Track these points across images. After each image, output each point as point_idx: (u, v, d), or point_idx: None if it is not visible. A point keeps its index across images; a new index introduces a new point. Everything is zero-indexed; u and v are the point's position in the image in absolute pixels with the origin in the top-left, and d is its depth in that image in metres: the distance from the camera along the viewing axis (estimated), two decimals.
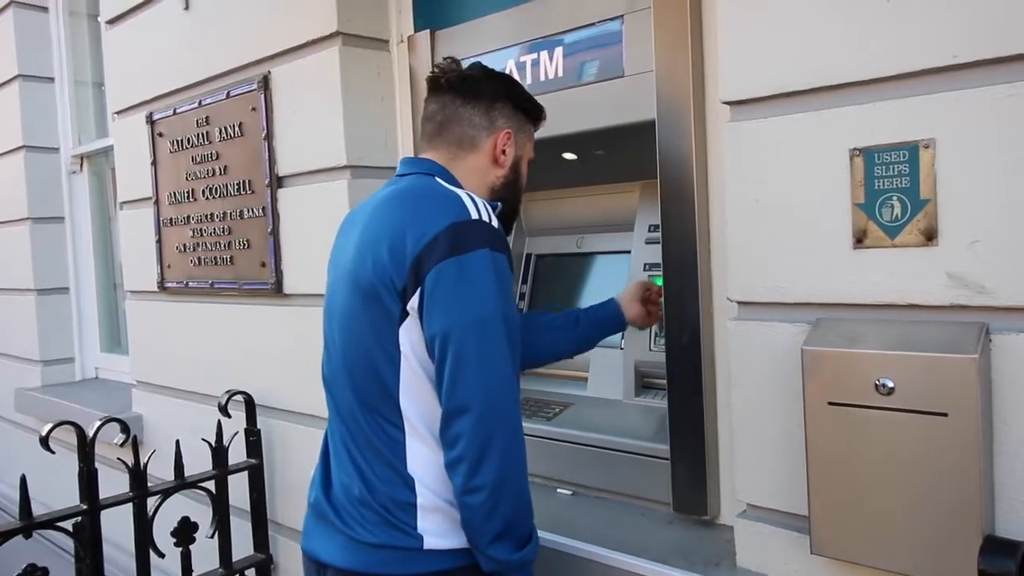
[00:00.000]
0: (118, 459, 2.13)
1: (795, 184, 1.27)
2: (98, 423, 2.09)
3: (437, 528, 1.26)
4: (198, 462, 2.28)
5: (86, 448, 2.05)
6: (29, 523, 1.94)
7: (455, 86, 1.41)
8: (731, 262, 1.36)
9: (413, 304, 1.22)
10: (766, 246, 1.31)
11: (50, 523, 1.98)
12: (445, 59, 1.46)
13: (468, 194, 1.27)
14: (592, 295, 2.11)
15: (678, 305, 1.59)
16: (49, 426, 2.01)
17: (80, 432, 2.05)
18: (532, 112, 1.49)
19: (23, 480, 1.95)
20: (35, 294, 3.89)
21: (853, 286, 1.22)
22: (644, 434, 1.75)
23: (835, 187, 1.23)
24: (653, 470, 1.70)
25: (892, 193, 1.17)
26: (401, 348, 1.25)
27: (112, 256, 3.99)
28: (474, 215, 1.23)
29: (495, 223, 1.25)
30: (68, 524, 2.02)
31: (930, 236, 1.14)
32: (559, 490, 1.89)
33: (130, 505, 2.14)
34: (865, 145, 1.19)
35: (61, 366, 3.96)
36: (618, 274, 1.99)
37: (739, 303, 1.37)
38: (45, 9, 3.91)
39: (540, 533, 1.64)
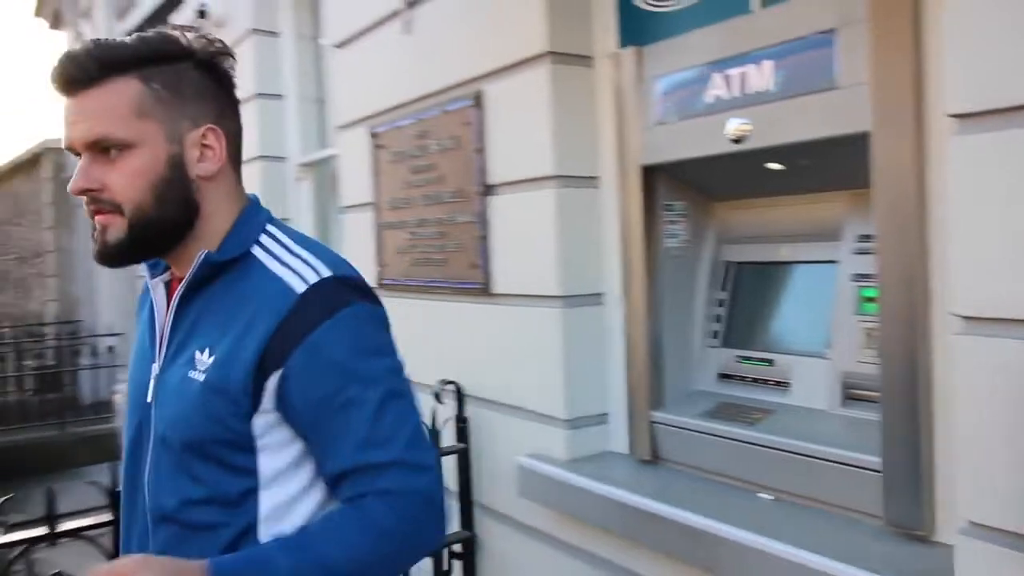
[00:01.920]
0: None
1: None
2: None
3: None
4: None
5: None
6: None
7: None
8: (956, 276, 1.34)
9: None
10: (995, 261, 1.28)
11: None
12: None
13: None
14: (793, 303, 2.12)
15: (895, 318, 1.58)
16: None
17: None
18: None
19: None
20: None
21: None
22: (851, 444, 1.75)
23: None
24: (861, 481, 1.70)
25: None
26: None
27: None
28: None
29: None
30: None
31: None
32: (760, 494, 1.93)
33: None
34: None
35: None
36: (823, 283, 1.98)
37: (964, 318, 1.35)
38: (277, 34, 4.40)
39: (744, 534, 1.71)
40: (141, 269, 1.26)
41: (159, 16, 4.88)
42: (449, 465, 2.59)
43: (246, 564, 1.06)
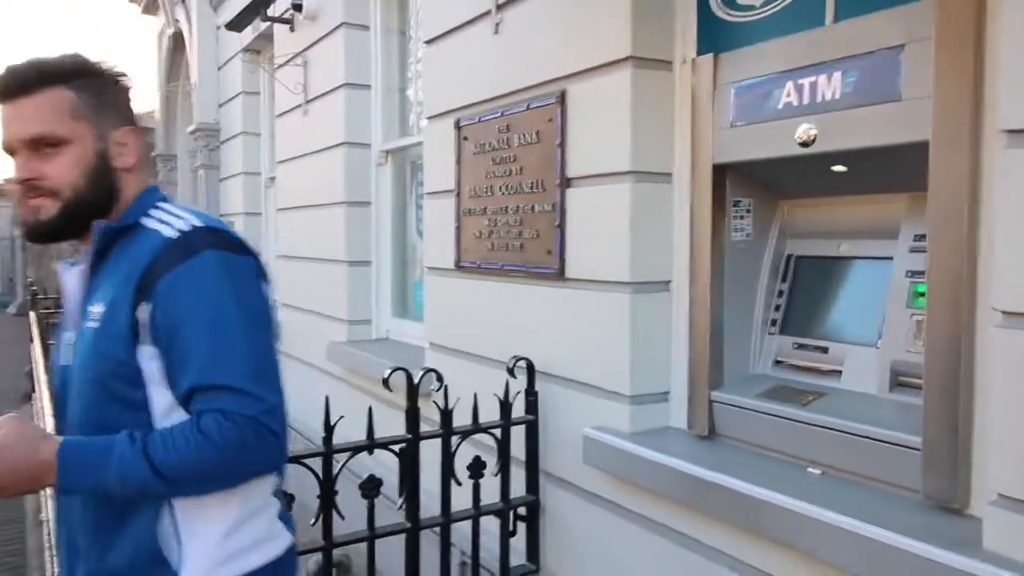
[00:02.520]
0: (433, 402, 2.67)
1: None
2: (421, 372, 2.64)
3: None
4: (481, 414, 2.76)
5: (413, 390, 2.60)
6: (372, 443, 2.52)
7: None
8: (999, 275, 1.51)
9: None
10: None
11: (384, 444, 2.56)
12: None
13: None
14: (848, 295, 2.28)
15: (943, 310, 1.74)
16: (388, 371, 2.59)
17: (409, 377, 2.61)
18: None
19: (370, 412, 2.53)
20: (346, 265, 4.72)
21: None
22: (896, 425, 1.92)
23: None
24: (903, 459, 1.86)
25: None
26: None
27: (405, 237, 4.71)
28: None
29: None
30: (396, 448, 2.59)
31: None
32: (809, 469, 2.10)
33: (438, 441, 2.67)
34: None
35: (361, 326, 4.76)
36: (878, 278, 2.14)
37: (1003, 312, 1.51)
38: (367, 27, 4.68)
39: (793, 501, 1.89)
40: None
41: (255, 8, 5.19)
42: (518, 434, 2.83)
43: (91, 444, 1.24)
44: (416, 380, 2.61)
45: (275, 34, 5.68)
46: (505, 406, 2.79)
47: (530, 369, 2.84)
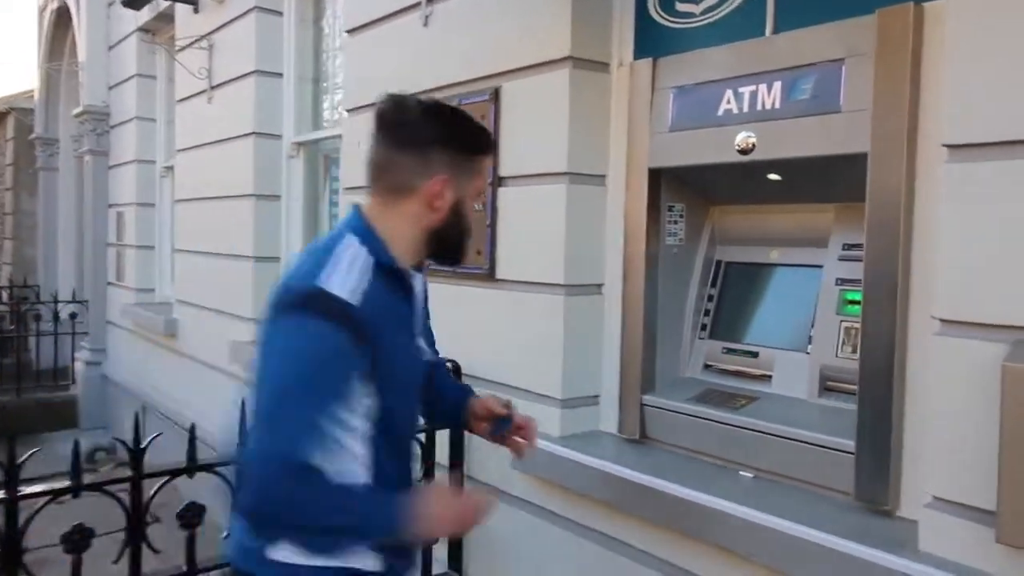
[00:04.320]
0: None
1: (1008, 221, 1.46)
2: None
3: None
4: None
5: None
6: None
7: (389, 132, 1.41)
8: (939, 284, 1.56)
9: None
10: (973, 274, 1.50)
11: None
12: (387, 96, 1.43)
13: (351, 258, 1.33)
14: (778, 302, 2.33)
15: (877, 318, 1.79)
16: None
17: None
18: (477, 147, 1.47)
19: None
20: (253, 260, 4.49)
21: None
22: (827, 429, 1.96)
23: None
24: (834, 462, 1.91)
25: None
26: None
27: (317, 232, 4.53)
28: (319, 282, 1.29)
29: (345, 294, 1.28)
30: None
31: None
32: (741, 472, 2.13)
33: None
34: None
35: None
36: (807, 285, 2.20)
37: (941, 320, 1.56)
38: (280, 13, 4.47)
39: (730, 505, 1.91)
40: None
41: None
42: (443, 439, 2.74)
43: None
44: None
45: (177, 14, 5.36)
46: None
47: (456, 371, 2.76)
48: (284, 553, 1.33)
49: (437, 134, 1.40)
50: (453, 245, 1.50)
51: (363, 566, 1.37)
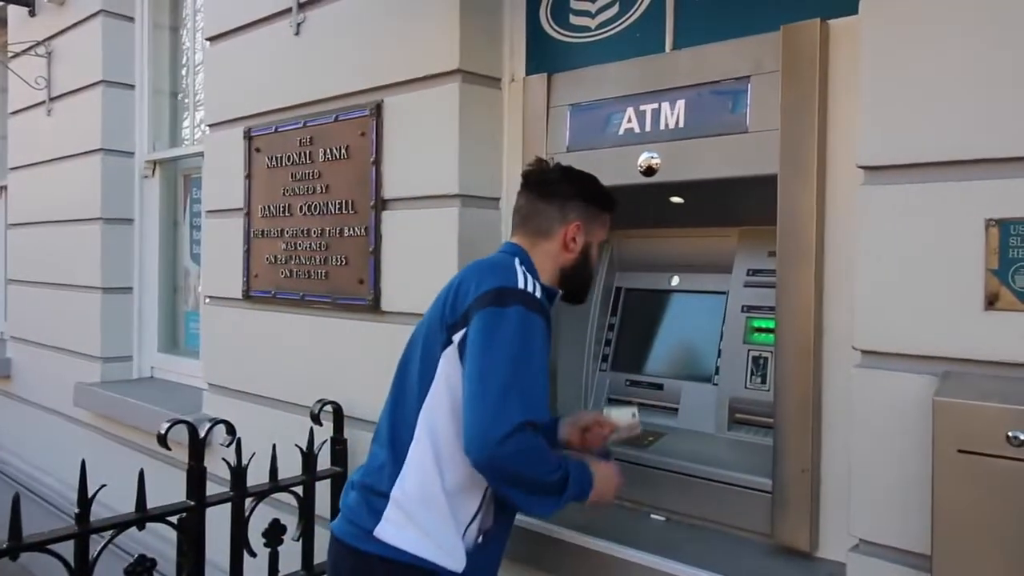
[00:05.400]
0: (222, 459, 2.24)
1: (929, 246, 1.39)
2: (207, 424, 2.20)
3: (395, 522, 1.56)
4: (281, 469, 2.37)
5: (198, 446, 2.15)
6: (143, 515, 2.04)
7: (535, 187, 1.75)
8: (859, 314, 1.47)
9: (457, 337, 1.56)
10: (895, 302, 1.42)
11: (160, 517, 2.08)
12: (534, 160, 1.80)
13: (525, 272, 1.60)
14: (682, 330, 2.23)
15: (791, 349, 1.70)
16: (167, 425, 2.12)
17: (192, 431, 2.16)
18: (605, 204, 1.78)
19: (141, 475, 2.05)
20: (101, 292, 4.01)
21: (983, 344, 1.33)
22: (740, 467, 1.86)
23: (969, 252, 1.35)
24: (751, 502, 1.80)
25: None
26: (437, 370, 1.58)
27: (176, 260, 4.11)
28: (519, 285, 1.55)
29: (537, 293, 1.57)
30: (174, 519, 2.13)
31: None
32: (652, 515, 1.99)
33: (227, 506, 2.24)
34: (1001, 217, 1.32)
35: (119, 364, 4.06)
36: (712, 312, 2.11)
37: (863, 352, 1.48)
38: (132, 19, 4.05)
39: (639, 554, 1.76)
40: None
41: None
42: (324, 490, 2.47)
43: None
44: (202, 434, 2.17)
45: (9, 18, 4.79)
46: (308, 458, 2.42)
47: (337, 414, 2.50)
48: (388, 533, 1.55)
49: (574, 190, 1.73)
50: (580, 283, 1.79)
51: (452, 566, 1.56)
